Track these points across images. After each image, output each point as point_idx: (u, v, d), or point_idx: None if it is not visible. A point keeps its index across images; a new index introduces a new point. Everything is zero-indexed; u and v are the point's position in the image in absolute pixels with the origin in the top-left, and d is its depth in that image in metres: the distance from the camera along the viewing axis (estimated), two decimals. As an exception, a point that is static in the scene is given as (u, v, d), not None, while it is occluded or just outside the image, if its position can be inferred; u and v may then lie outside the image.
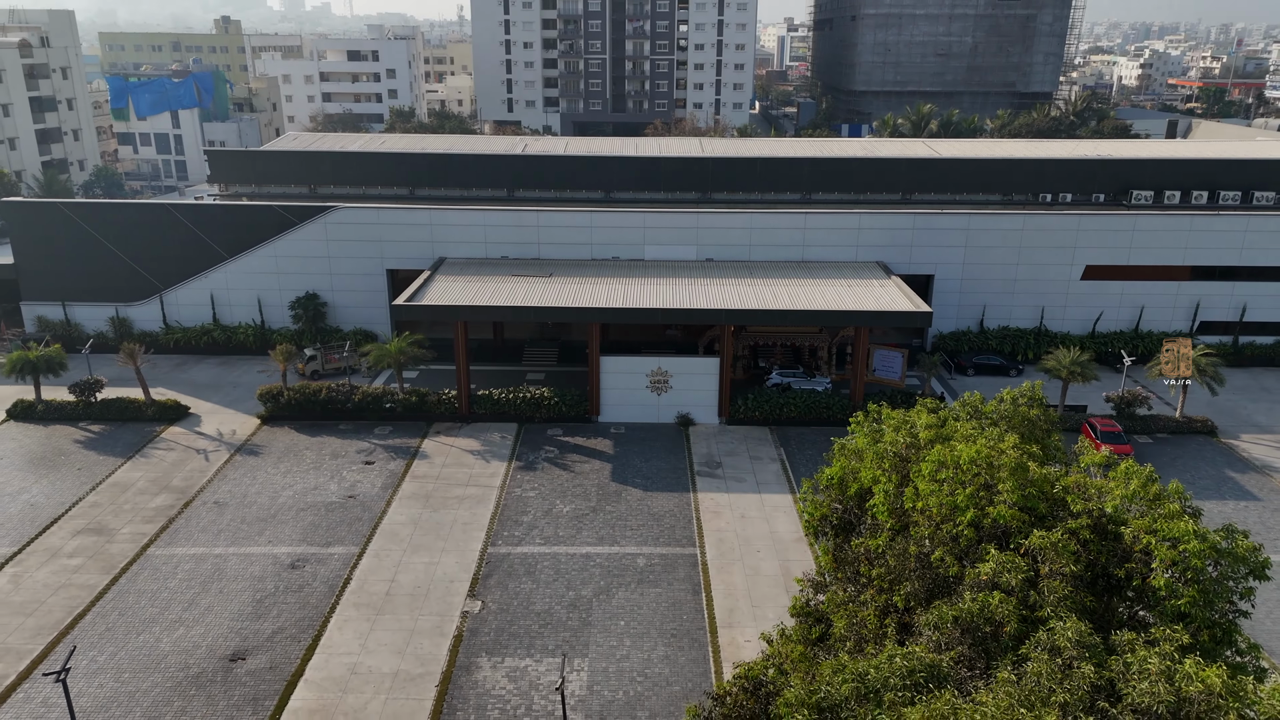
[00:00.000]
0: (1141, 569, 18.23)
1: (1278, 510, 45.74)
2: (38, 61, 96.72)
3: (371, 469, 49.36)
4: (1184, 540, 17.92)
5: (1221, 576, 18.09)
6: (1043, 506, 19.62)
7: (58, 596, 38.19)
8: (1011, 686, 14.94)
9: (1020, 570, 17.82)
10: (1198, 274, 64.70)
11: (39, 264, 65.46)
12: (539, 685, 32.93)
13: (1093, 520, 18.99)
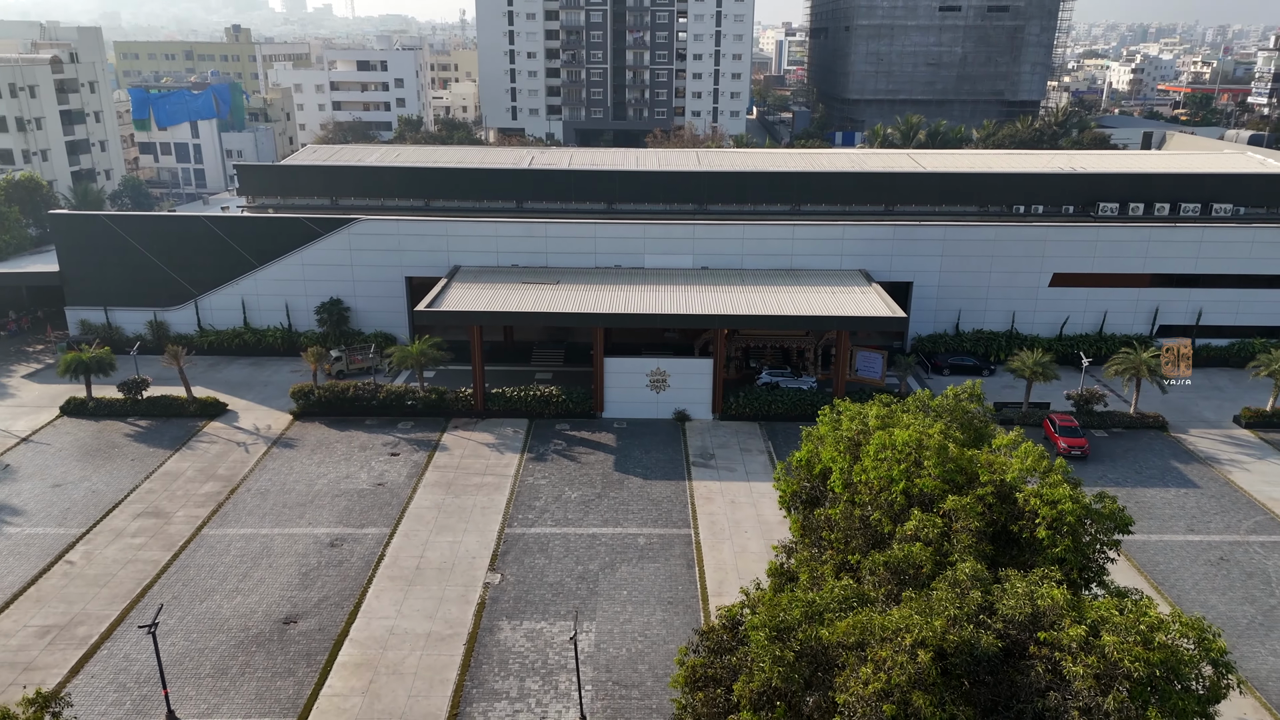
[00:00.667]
0: (1029, 524, 23.29)
1: (1214, 496, 50.80)
2: (68, 77, 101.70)
3: (397, 460, 54.45)
4: (1061, 502, 22.94)
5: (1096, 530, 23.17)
6: (959, 478, 24.65)
7: (126, 570, 43.28)
8: (916, 604, 19.98)
9: (937, 526, 22.84)
10: (1157, 281, 69.77)
11: (82, 271, 70.56)
12: (553, 644, 38.02)
13: (996, 488, 24.03)
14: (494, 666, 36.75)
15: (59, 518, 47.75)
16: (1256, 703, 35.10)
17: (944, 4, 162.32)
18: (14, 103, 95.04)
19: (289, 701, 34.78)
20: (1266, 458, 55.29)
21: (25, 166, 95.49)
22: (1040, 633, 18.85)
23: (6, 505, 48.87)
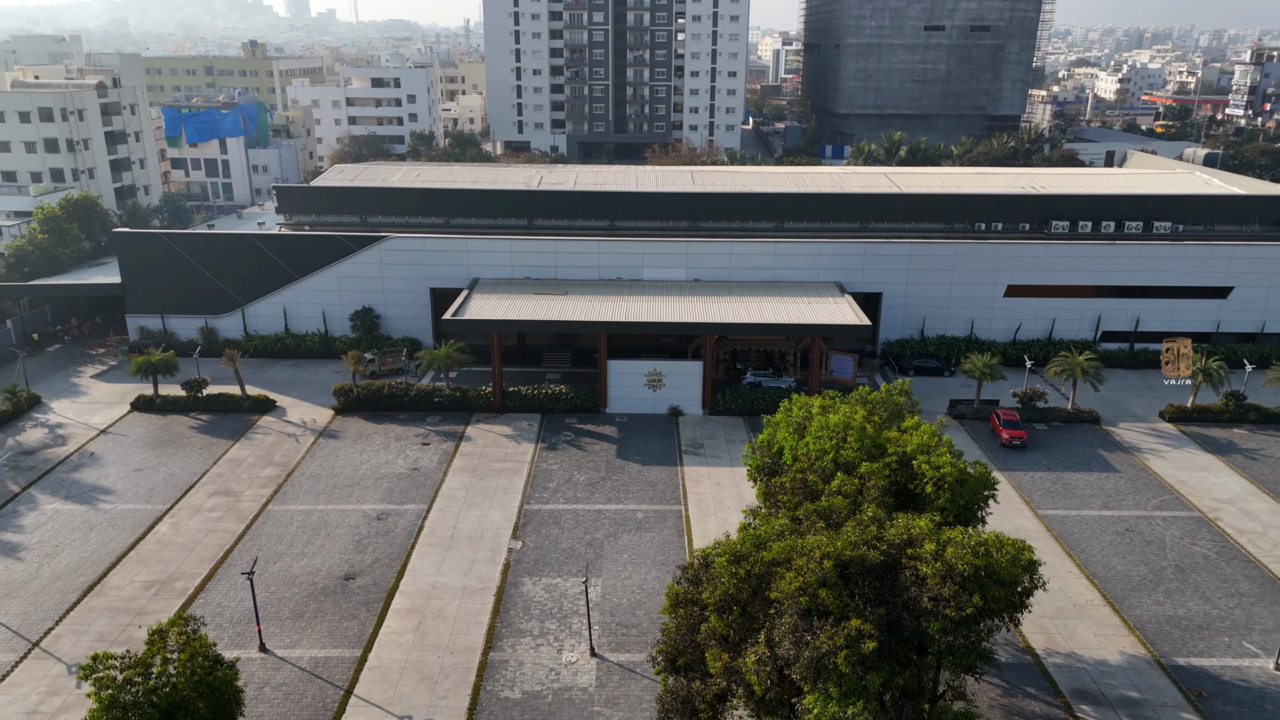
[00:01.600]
0: (921, 483, 31.55)
1: (1130, 480, 59.17)
2: (111, 100, 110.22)
3: (428, 448, 62.91)
4: (943, 467, 31.23)
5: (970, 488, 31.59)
6: (874, 450, 32.93)
7: (209, 538, 51.72)
8: (827, 534, 28.29)
9: (854, 484, 31.11)
10: (1100, 292, 78.23)
11: (141, 283, 79.04)
12: (567, 595, 46.43)
13: (899, 458, 32.30)
14: (519, 612, 45.18)
15: (145, 496, 56.22)
16: (1136, 640, 43.49)
17: (929, 24, 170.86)
18: (65, 125, 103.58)
19: (355, 637, 43.22)
20: (1182, 448, 63.72)
21: (75, 184, 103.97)
22: (909, 549, 27.07)
23: (99, 486, 57.35)
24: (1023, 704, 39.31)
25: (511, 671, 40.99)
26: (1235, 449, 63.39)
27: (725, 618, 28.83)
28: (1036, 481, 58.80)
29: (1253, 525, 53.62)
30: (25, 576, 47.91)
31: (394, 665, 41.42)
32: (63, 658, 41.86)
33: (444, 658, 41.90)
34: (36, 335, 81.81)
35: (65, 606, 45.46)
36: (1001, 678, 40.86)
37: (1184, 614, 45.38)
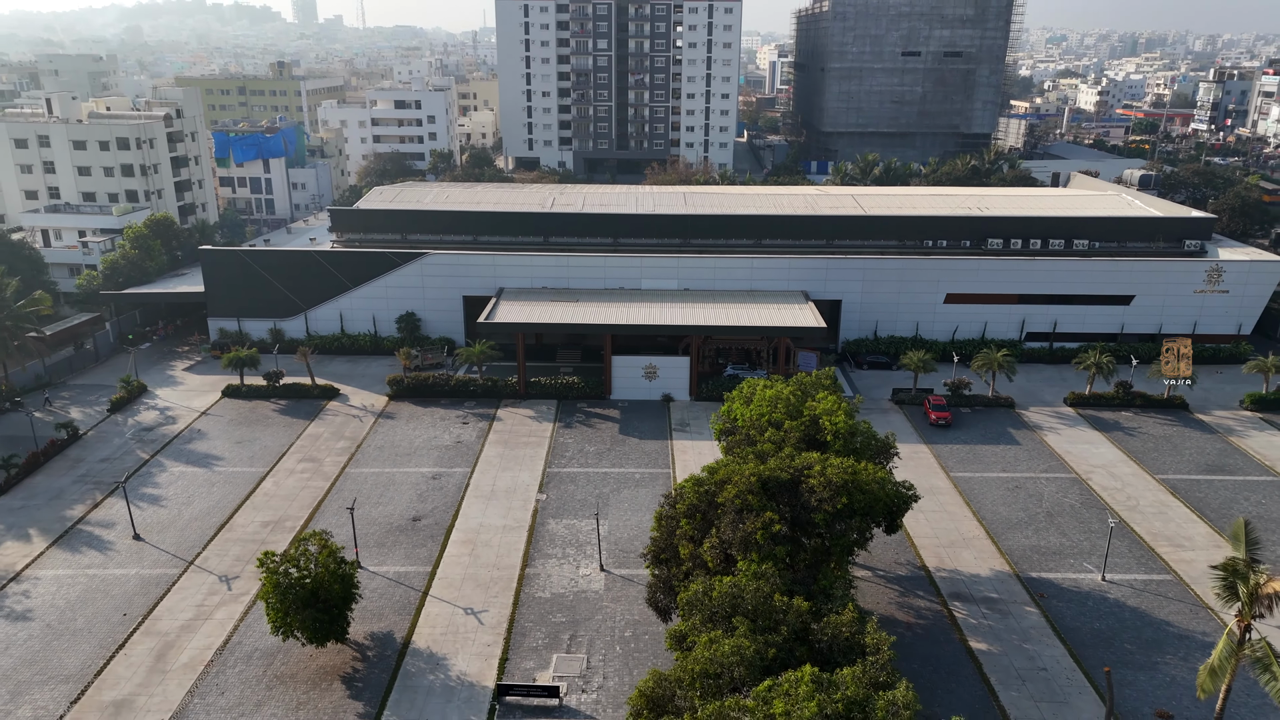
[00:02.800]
0: (824, 435, 46.54)
1: (1028, 450, 74.10)
2: (175, 129, 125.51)
3: (467, 426, 78.09)
4: (840, 425, 46.26)
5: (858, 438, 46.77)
6: (794, 413, 47.95)
7: (304, 492, 66.92)
8: (755, 463, 43.26)
9: (779, 436, 46.08)
10: (1024, 299, 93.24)
11: (221, 291, 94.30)
12: (581, 531, 61.53)
13: (811, 418, 47.33)
14: (546, 542, 60.34)
15: (248, 461, 71.49)
16: (1004, 561, 58.50)
17: (906, 50, 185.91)
18: (138, 153, 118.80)
19: (426, 558, 58.40)
20: (1075, 426, 78.79)
21: (146, 204, 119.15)
22: (806, 472, 42.02)
23: (210, 454, 72.60)
24: (913, 602, 54.45)
25: (542, 581, 56.19)
26: (1118, 427, 78.49)
27: (690, 521, 43.90)
28: (953, 451, 73.93)
29: (1115, 484, 68.69)
30: (170, 518, 63.16)
31: (456, 577, 56.61)
32: (212, 571, 57.10)
33: (492, 572, 57.09)
34: (131, 335, 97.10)
35: (206, 538, 60.70)
36: (901, 584, 56.01)
37: (1044, 544, 60.50)
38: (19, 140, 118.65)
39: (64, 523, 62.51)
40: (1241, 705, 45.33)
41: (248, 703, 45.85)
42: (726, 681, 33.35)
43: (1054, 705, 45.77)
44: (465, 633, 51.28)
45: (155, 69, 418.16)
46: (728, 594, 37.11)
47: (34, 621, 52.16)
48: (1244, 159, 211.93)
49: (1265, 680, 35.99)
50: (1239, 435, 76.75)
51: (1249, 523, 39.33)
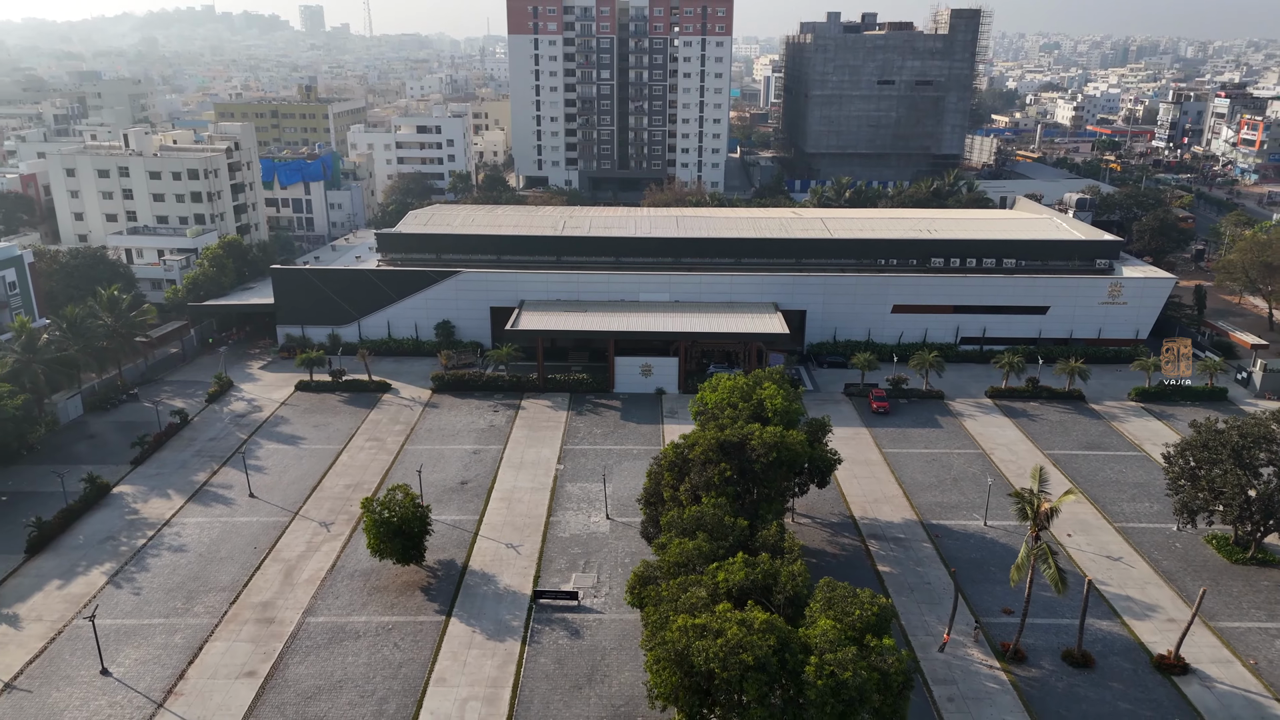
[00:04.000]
0: (768, 412, 64.80)
1: (948, 432, 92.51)
2: (234, 160, 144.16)
3: (498, 414, 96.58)
4: (778, 405, 64.52)
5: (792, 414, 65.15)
6: (748, 398, 66.27)
7: (373, 463, 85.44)
8: (715, 430, 61.41)
9: (734, 413, 64.36)
10: (958, 309, 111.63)
11: (287, 302, 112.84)
12: (592, 491, 79.97)
13: (759, 401, 65.64)
14: (565, 499, 78.84)
15: (325, 440, 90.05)
16: (914, 513, 76.89)
17: (881, 79, 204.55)
18: (205, 182, 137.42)
19: (474, 510, 76.89)
20: (990, 414, 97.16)
21: (212, 226, 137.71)
22: (749, 437, 60.26)
23: (294, 435, 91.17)
24: (840, 540, 72.90)
25: (563, 526, 74.71)
26: (1024, 415, 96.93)
27: (671, 473, 62.37)
28: (888, 433, 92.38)
29: (1012, 457, 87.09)
30: (273, 482, 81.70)
31: (498, 523, 75.15)
32: (313, 519, 75.61)
33: (524, 520, 75.62)
34: (211, 339, 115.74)
35: (304, 496, 79.26)
36: (833, 528, 74.44)
37: (947, 501, 78.96)
38: (102, 171, 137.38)
39: (193, 485, 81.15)
40: (1039, 598, 63.59)
41: (355, 604, 64.41)
42: (689, 568, 51.74)
43: (930, 605, 64.22)
44: (507, 560, 69.87)
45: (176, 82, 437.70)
46: (693, 517, 55.52)
47: (189, 552, 70.76)
48: (1196, 175, 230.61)
49: (1044, 568, 54.53)
50: (1120, 421, 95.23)
51: (1042, 469, 57.93)
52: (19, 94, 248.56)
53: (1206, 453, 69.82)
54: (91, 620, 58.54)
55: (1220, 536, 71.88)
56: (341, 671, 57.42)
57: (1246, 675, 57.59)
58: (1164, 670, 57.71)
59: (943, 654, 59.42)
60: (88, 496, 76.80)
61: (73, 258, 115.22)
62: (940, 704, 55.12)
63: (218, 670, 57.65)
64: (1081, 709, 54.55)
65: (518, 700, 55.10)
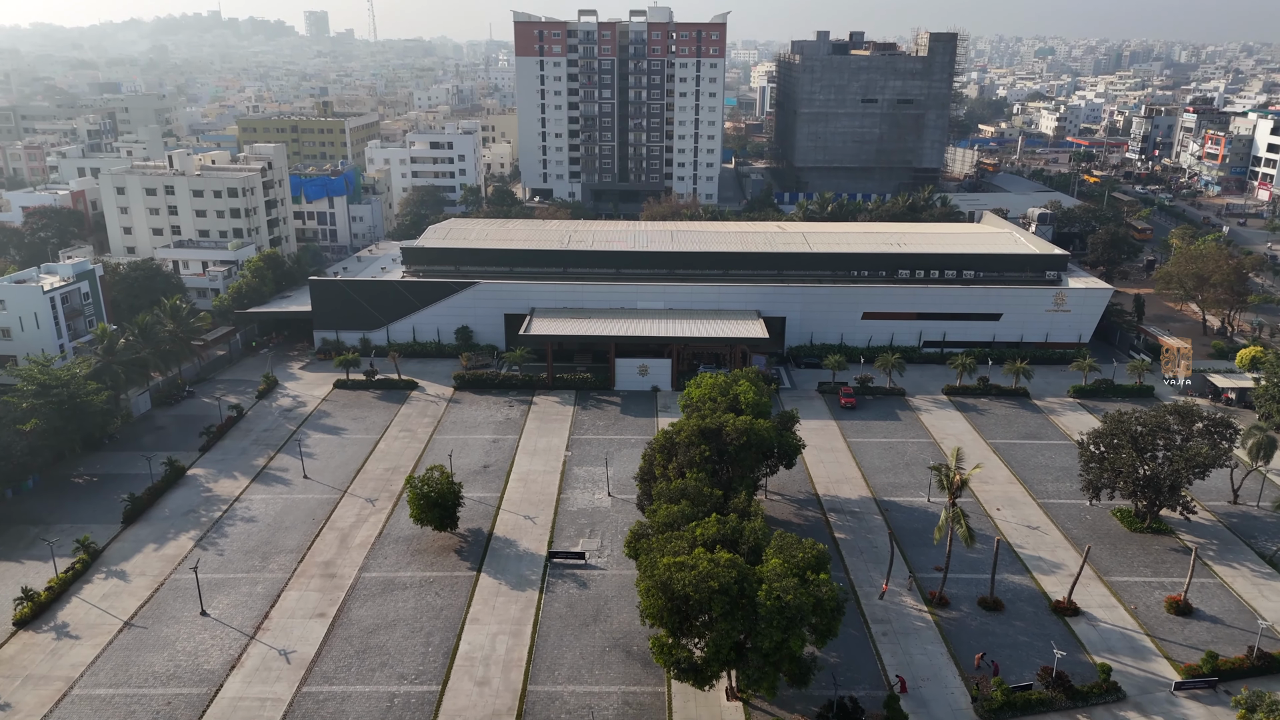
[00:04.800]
0: (741, 404, 78.36)
1: (906, 425, 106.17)
2: (268, 179, 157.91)
3: (513, 409, 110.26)
4: (750, 400, 78.01)
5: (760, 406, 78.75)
6: (724, 392, 79.91)
7: (408, 449, 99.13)
8: (697, 419, 75.01)
9: (713, 405, 77.93)
10: (921, 316, 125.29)
11: (323, 309, 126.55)
12: (596, 473, 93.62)
13: (734, 395, 79.18)
14: (573, 480, 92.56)
15: (364, 430, 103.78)
16: (869, 491, 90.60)
17: (865, 98, 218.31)
18: (242, 199, 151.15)
19: (496, 488, 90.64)
20: (944, 409, 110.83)
21: (248, 240, 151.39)
22: (725, 424, 73.67)
23: (336, 426, 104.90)
24: (805, 512, 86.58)
25: (571, 501, 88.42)
26: (973, 409, 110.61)
27: (661, 454, 76.02)
28: (853, 425, 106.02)
29: (962, 446, 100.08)
30: (323, 466, 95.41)
31: (516, 499, 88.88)
32: (360, 496, 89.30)
33: (539, 497, 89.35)
34: (254, 343, 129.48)
35: (350, 477, 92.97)
36: (799, 503, 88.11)
37: (898, 481, 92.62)
38: (149, 189, 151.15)
39: (254, 469, 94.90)
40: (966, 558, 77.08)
41: (401, 563, 78.11)
42: (674, 526, 65.37)
43: (876, 564, 77.88)
44: (525, 528, 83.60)
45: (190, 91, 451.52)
46: (678, 488, 69.17)
47: (259, 522, 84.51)
48: (1163, 186, 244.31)
49: (958, 528, 68.27)
50: (1056, 415, 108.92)
51: (960, 449, 71.67)
52: (54, 110, 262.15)
53: (1112, 439, 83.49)
54: (194, 570, 72.49)
55: (1124, 510, 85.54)
56: (394, 613, 71.18)
57: (1127, 617, 71.27)
58: (1059, 613, 71.38)
59: (882, 600, 73.14)
60: (168, 477, 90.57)
61: (132, 270, 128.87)
62: (876, 638, 68.80)
63: (294, 612, 71.41)
64: (988, 641, 68.22)
65: (537, 634, 68.84)
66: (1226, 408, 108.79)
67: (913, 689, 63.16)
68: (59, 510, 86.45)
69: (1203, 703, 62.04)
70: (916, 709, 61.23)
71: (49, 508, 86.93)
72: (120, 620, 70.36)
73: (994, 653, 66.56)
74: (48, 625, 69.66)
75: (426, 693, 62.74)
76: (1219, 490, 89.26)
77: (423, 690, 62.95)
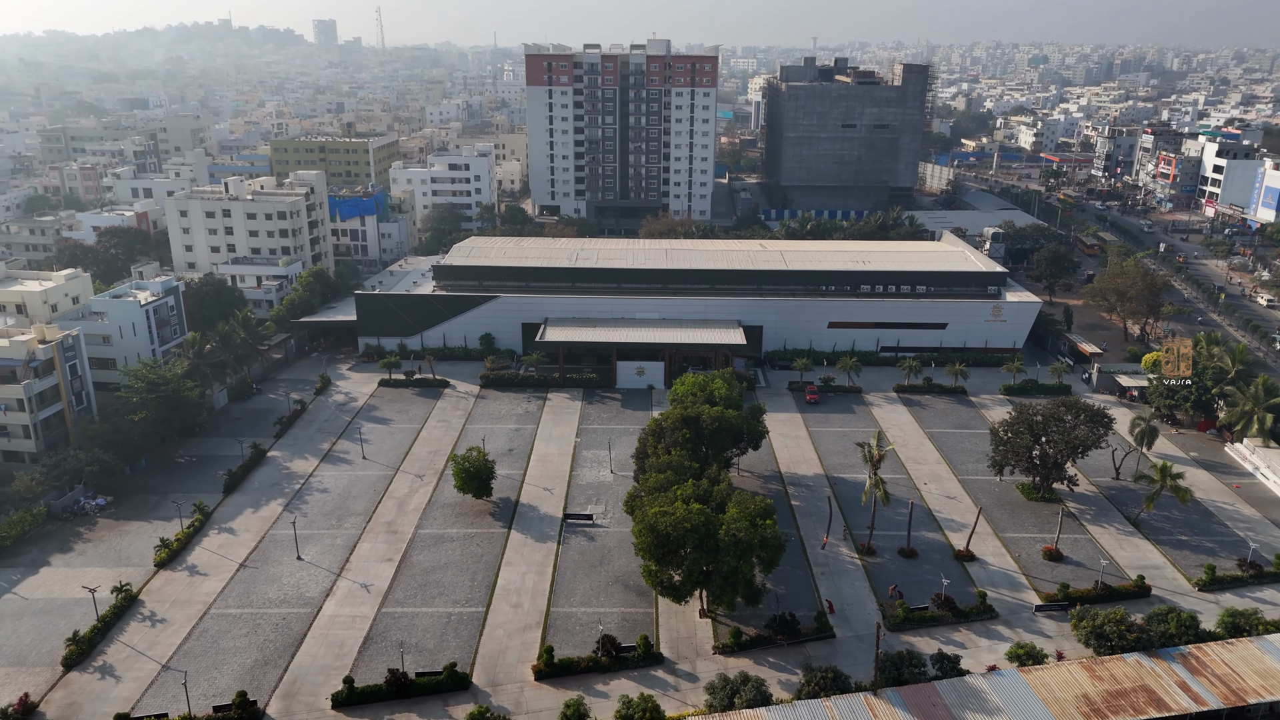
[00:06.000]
0: (716, 397, 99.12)
1: (859, 417, 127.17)
2: (310, 202, 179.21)
3: (531, 403, 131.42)
4: (722, 394, 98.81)
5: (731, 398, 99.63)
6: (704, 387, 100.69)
7: (445, 437, 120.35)
8: (680, 410, 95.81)
9: (692, 399, 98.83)
10: (879, 325, 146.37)
11: (366, 318, 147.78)
12: (600, 456, 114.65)
13: (711, 391, 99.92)
14: (582, 461, 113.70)
15: (408, 421, 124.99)
16: (823, 470, 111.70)
17: (844, 123, 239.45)
18: (289, 221, 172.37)
19: (520, 466, 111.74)
20: (893, 404, 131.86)
21: (295, 257, 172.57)
22: (702, 413, 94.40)
23: (385, 417, 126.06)
24: (769, 486, 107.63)
25: (581, 477, 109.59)
26: (917, 404, 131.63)
27: (652, 437, 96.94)
28: (814, 417, 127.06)
29: (901, 434, 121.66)
30: (377, 450, 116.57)
31: (537, 475, 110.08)
32: (410, 473, 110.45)
33: (555, 473, 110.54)
34: (306, 347, 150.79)
35: (401, 458, 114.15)
36: (765, 479, 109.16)
37: (846, 463, 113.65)
38: (209, 213, 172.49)
39: (321, 451, 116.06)
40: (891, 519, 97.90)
41: (448, 523, 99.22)
42: (660, 489, 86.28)
43: (821, 524, 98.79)
44: (545, 497, 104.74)
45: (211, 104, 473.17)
46: (665, 461, 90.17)
47: (331, 493, 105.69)
48: (1121, 202, 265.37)
49: (878, 492, 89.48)
50: (987, 409, 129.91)
51: (882, 432, 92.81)
52: (101, 131, 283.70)
53: (1016, 427, 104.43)
54: (293, 525, 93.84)
55: (1025, 484, 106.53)
56: (446, 559, 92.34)
57: (1011, 562, 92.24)
58: (960, 559, 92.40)
59: (824, 550, 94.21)
60: (253, 458, 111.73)
61: (203, 285, 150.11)
62: (816, 576, 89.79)
63: (368, 558, 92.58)
64: (902, 578, 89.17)
65: (556, 573, 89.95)
66: (1130, 402, 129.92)
67: (840, 610, 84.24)
68: (170, 483, 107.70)
69: (1054, 620, 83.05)
70: (841, 624, 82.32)
71: (161, 481, 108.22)
72: (236, 563, 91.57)
73: (905, 587, 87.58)
74: (181, 566, 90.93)
75: (475, 613, 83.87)
76: (1104, 469, 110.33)
77: (472, 611, 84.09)
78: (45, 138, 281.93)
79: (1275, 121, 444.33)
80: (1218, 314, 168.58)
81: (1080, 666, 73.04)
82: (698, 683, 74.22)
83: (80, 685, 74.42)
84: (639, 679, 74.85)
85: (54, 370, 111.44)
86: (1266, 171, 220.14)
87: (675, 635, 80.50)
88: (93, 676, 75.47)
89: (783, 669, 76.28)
